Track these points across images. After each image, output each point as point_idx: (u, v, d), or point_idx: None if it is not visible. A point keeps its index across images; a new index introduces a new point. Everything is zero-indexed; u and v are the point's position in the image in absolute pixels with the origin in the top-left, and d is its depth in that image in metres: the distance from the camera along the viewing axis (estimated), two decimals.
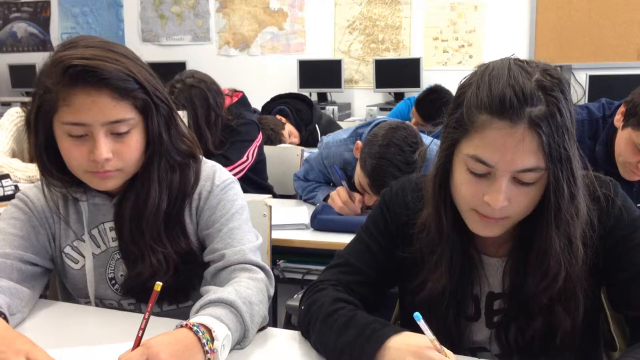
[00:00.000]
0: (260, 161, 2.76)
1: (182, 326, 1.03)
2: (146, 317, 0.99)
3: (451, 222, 1.09)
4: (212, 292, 1.15)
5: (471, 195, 1.02)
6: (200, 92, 2.53)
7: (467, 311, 1.16)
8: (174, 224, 1.30)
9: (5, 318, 1.13)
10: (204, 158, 1.38)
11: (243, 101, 2.90)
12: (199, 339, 1.01)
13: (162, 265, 1.26)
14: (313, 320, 1.10)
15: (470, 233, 1.09)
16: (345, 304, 1.10)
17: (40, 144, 1.22)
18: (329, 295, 1.12)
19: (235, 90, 2.90)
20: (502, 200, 0.98)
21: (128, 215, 1.27)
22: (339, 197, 2.20)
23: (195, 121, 2.47)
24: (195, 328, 1.02)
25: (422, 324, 0.92)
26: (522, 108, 0.93)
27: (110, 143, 1.18)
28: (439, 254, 1.11)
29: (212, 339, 1.02)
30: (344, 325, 1.04)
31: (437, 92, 3.62)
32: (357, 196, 2.22)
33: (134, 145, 1.21)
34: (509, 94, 0.94)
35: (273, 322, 2.25)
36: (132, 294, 1.33)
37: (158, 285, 0.99)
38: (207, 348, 1.00)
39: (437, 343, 0.93)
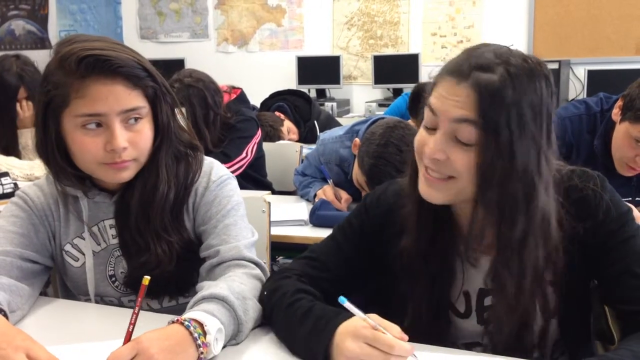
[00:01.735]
0: (259, 158, 2.76)
1: (173, 322, 1.03)
2: (136, 311, 1.00)
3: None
4: (205, 289, 1.15)
5: (418, 146, 1.09)
6: (199, 91, 2.52)
7: (458, 308, 1.17)
8: (177, 214, 1.31)
9: (5, 315, 1.13)
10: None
11: (242, 98, 2.90)
12: (191, 333, 1.01)
13: (167, 255, 1.27)
14: (275, 309, 1.13)
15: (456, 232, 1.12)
16: (305, 294, 1.12)
17: (52, 142, 1.22)
18: (291, 285, 1.15)
19: (234, 87, 2.90)
20: (435, 152, 1.03)
21: (135, 204, 1.27)
22: (325, 196, 2.22)
23: (193, 120, 2.46)
24: (186, 323, 1.02)
25: (347, 305, 0.96)
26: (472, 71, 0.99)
27: (125, 132, 1.20)
28: (418, 266, 1.14)
29: (205, 333, 1.02)
30: (302, 316, 1.07)
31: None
32: (343, 195, 2.23)
33: (146, 133, 1.23)
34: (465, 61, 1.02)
35: None
36: (135, 288, 1.33)
37: (146, 279, 1.00)
38: (199, 342, 1.01)
39: (370, 321, 0.96)
